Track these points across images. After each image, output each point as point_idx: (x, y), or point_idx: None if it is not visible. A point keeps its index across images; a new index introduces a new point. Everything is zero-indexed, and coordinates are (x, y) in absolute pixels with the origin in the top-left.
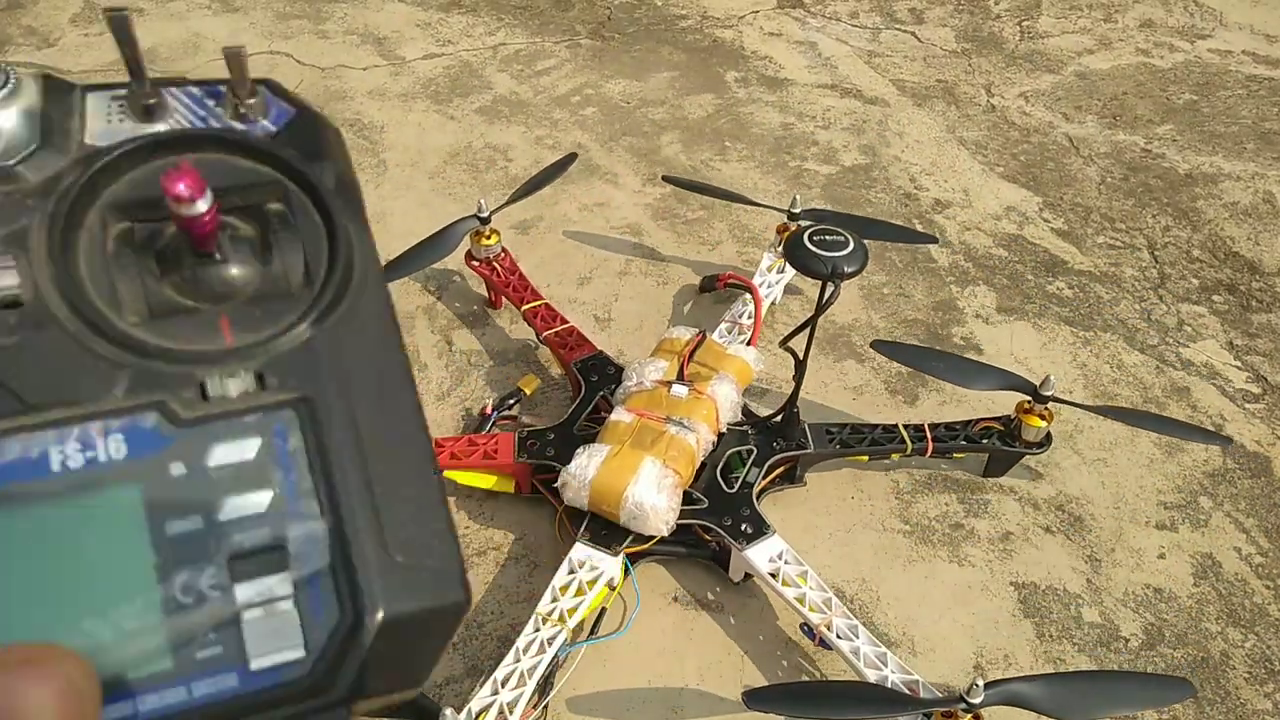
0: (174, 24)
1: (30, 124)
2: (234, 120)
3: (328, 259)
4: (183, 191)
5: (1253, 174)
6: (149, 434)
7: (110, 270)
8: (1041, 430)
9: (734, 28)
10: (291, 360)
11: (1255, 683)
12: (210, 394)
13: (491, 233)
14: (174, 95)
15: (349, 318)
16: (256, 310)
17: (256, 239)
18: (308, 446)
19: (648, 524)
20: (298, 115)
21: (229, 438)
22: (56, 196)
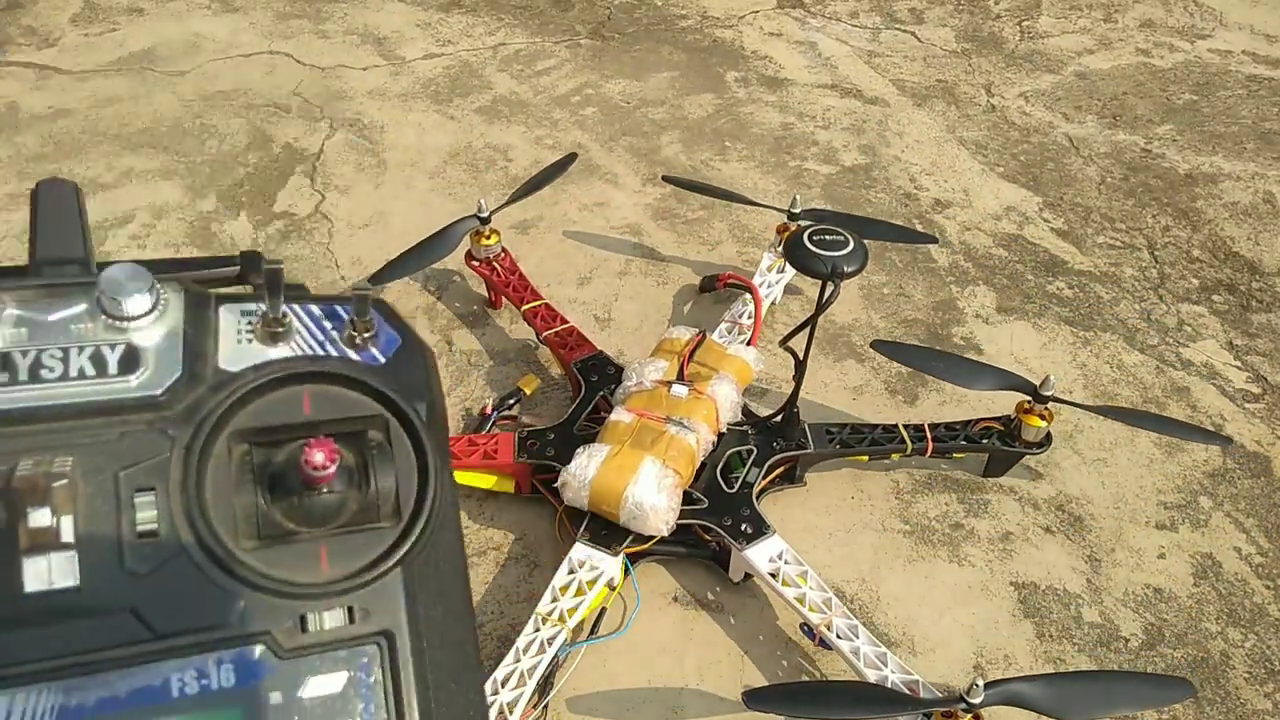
0: (174, 24)
1: (174, 348)
2: (348, 348)
3: (417, 495)
4: (320, 462)
5: (1253, 174)
6: (255, 664)
7: (231, 495)
8: (1041, 430)
9: (734, 28)
10: (379, 595)
11: (1255, 683)
12: (309, 627)
13: (491, 233)
14: (297, 315)
15: (428, 553)
16: (351, 541)
17: (356, 466)
18: (384, 679)
19: (648, 524)
20: (403, 345)
21: (321, 670)
22: (195, 427)
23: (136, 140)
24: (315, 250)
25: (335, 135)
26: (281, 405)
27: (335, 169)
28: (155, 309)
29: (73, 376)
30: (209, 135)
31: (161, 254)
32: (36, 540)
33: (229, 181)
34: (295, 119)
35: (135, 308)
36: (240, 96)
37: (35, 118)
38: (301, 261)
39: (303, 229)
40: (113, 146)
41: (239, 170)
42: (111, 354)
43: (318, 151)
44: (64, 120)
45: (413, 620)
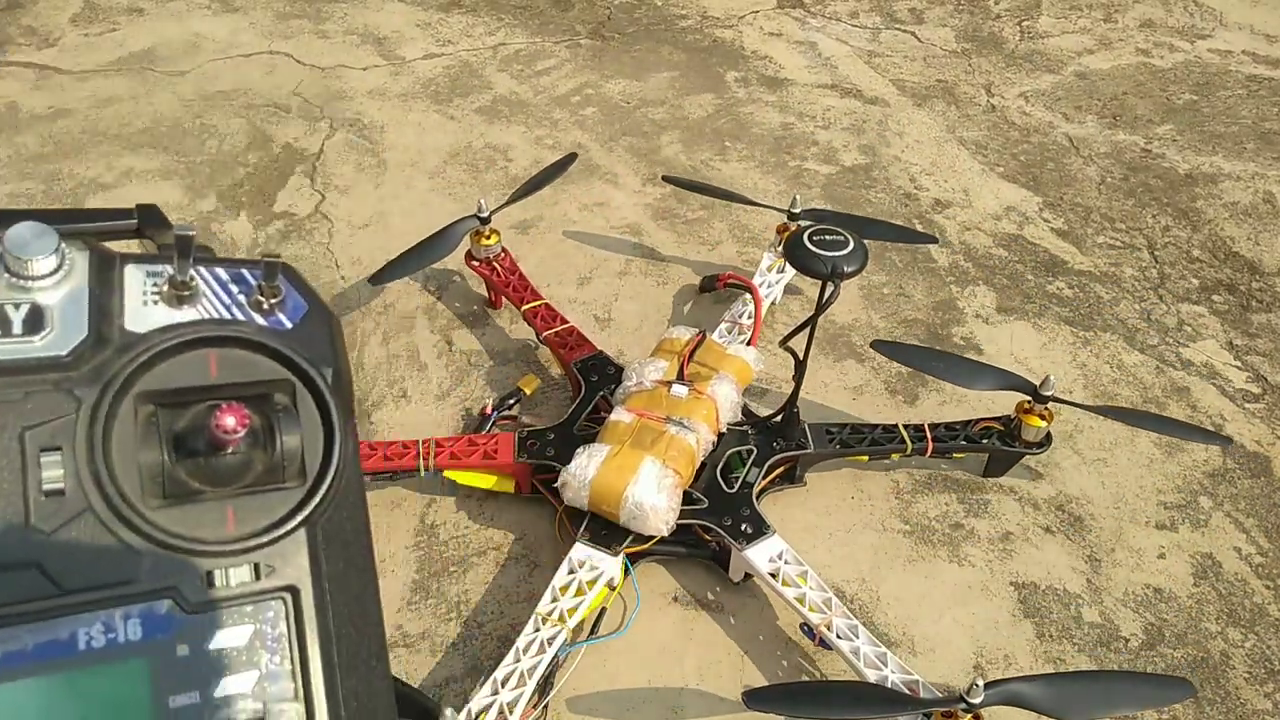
0: (174, 24)
1: (79, 308)
2: (255, 312)
3: (323, 456)
4: (232, 426)
5: (1253, 174)
6: (162, 619)
7: (136, 455)
8: (1041, 430)
9: (734, 28)
10: (285, 552)
11: (1255, 683)
12: (215, 583)
13: (491, 233)
14: (204, 278)
15: (333, 512)
16: (257, 500)
17: (262, 428)
18: (289, 631)
19: (648, 524)
20: (310, 310)
21: (228, 624)
22: (100, 388)
23: (136, 140)
24: (315, 250)
25: (335, 135)
26: (188, 368)
27: (335, 169)
28: (61, 268)
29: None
30: (209, 135)
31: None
32: None
33: (229, 181)
34: (295, 119)
35: (41, 267)
36: (240, 96)
37: (35, 118)
38: (301, 261)
39: (303, 229)
40: (113, 146)
41: (239, 170)
42: (16, 314)
43: (318, 151)
44: (64, 120)
45: (317, 576)
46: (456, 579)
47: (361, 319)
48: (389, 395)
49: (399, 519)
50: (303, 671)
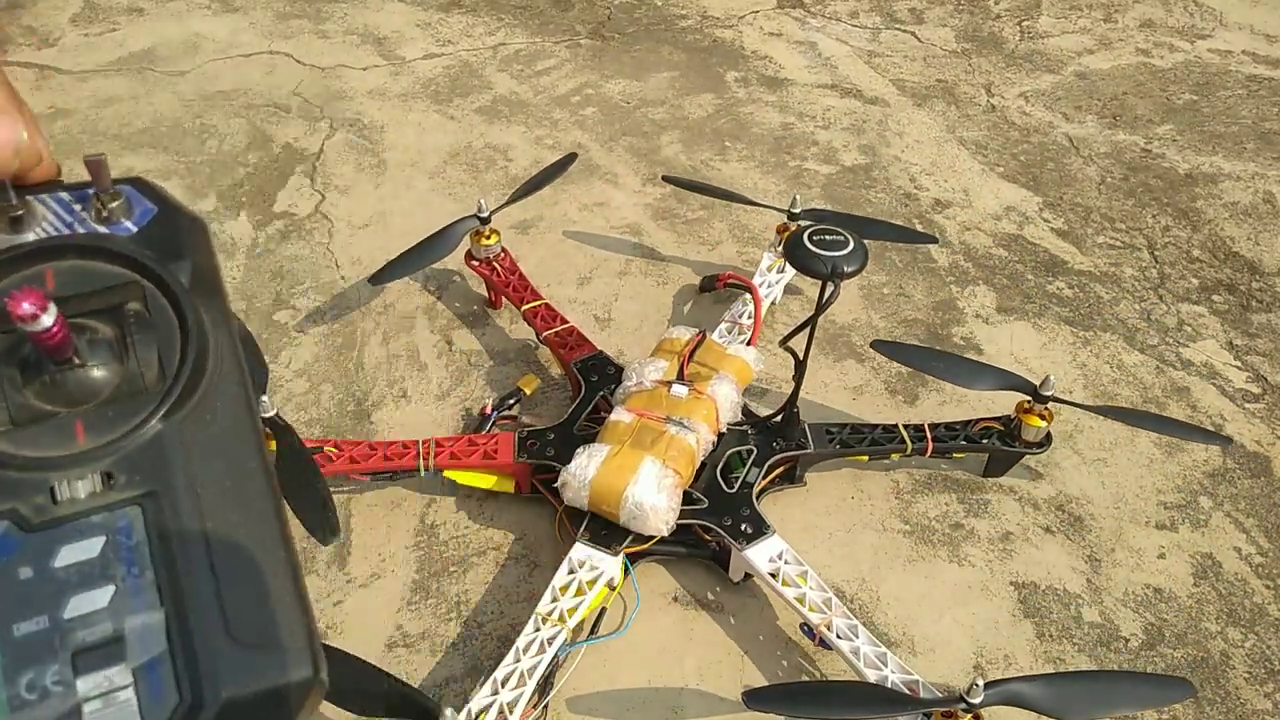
0: (174, 24)
1: None
2: (98, 224)
3: (179, 354)
4: (26, 311)
5: (1253, 174)
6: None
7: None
8: (1041, 430)
9: (734, 28)
10: (139, 457)
11: (1255, 683)
12: (59, 497)
13: (491, 233)
14: (43, 203)
15: (200, 410)
16: (110, 410)
17: (115, 339)
18: (150, 540)
19: (648, 524)
20: (159, 213)
21: (74, 538)
22: None
23: (136, 140)
24: (315, 250)
25: (335, 135)
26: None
27: (335, 169)
28: None
29: None
30: (209, 135)
31: None
32: None
33: (229, 181)
34: (295, 119)
35: None
36: (240, 96)
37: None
38: (301, 261)
39: (303, 229)
40: (113, 146)
41: (239, 170)
42: None
43: (318, 151)
44: (64, 120)
45: (186, 479)
46: (456, 579)
47: (361, 319)
48: (389, 395)
49: (399, 519)
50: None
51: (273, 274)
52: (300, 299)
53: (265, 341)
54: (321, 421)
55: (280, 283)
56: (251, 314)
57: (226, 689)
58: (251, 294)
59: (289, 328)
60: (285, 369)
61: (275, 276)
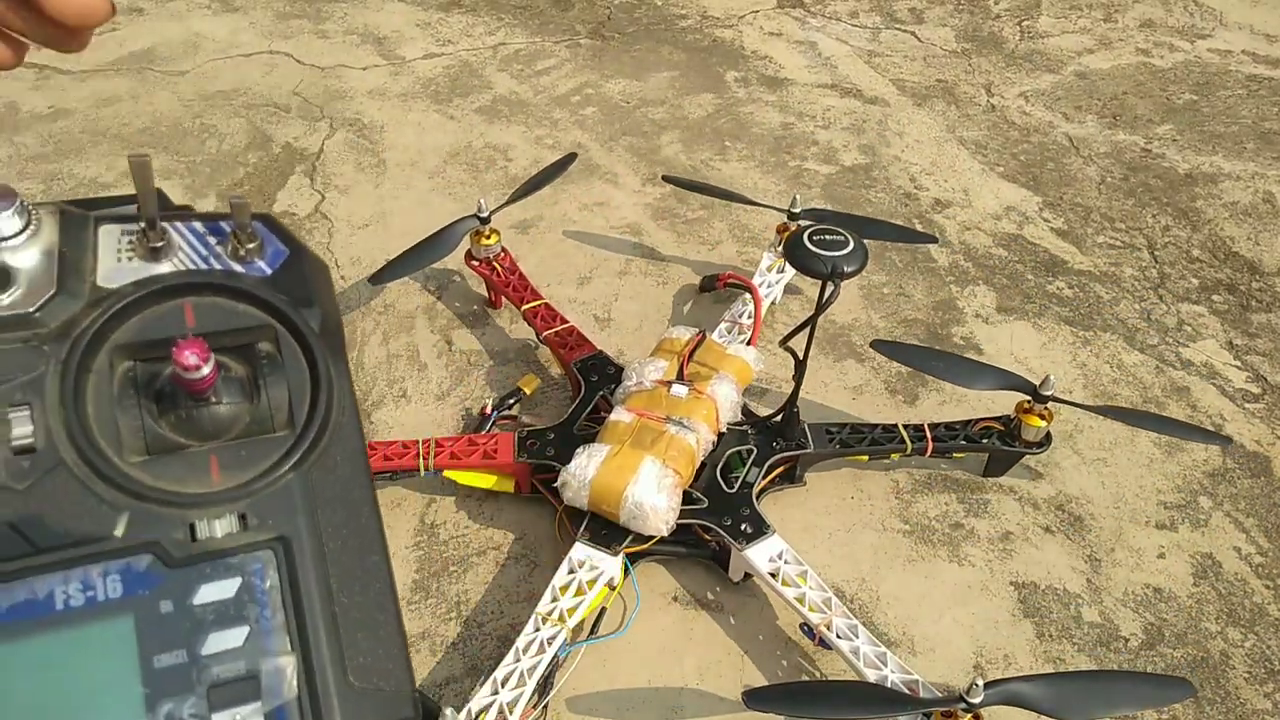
0: (174, 24)
1: (48, 266)
2: (233, 261)
3: (309, 402)
4: (191, 362)
5: (1253, 174)
6: (143, 574)
7: (114, 411)
8: (1041, 430)
9: (734, 28)
10: (273, 501)
11: (1255, 683)
12: (199, 535)
13: (491, 232)
14: (179, 232)
15: (325, 459)
16: (243, 450)
17: (247, 379)
18: (281, 584)
19: (648, 524)
20: (291, 256)
21: (213, 577)
22: (70, 343)
23: (136, 140)
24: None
25: (335, 135)
26: (164, 320)
27: (335, 169)
28: (28, 228)
29: None
30: (209, 135)
31: None
32: None
33: (229, 181)
34: (295, 119)
35: (5, 227)
36: (240, 96)
37: (35, 118)
38: None
39: (303, 229)
40: (113, 146)
41: (239, 170)
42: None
43: (318, 151)
44: (64, 120)
45: (311, 525)
46: (456, 579)
47: (361, 319)
48: (389, 395)
49: (399, 519)
50: (298, 624)
51: None
52: None
53: None
54: None
55: None
56: None
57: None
58: None
59: None
60: None
61: None
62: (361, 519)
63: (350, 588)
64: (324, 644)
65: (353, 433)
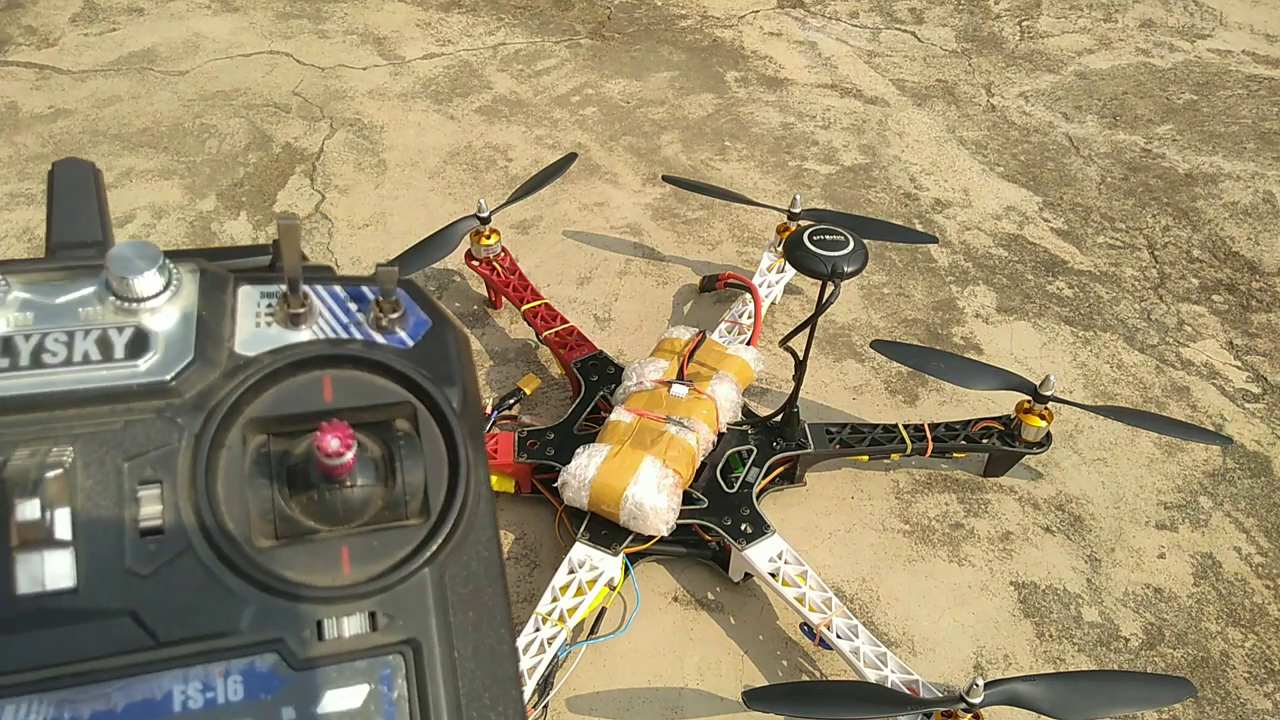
0: (174, 24)
1: (187, 330)
2: (374, 330)
3: (447, 489)
4: (334, 448)
5: (1253, 174)
6: (266, 676)
7: (245, 490)
8: (1041, 430)
9: (734, 28)
10: (404, 598)
11: (1255, 683)
12: (325, 634)
13: (491, 232)
14: (320, 297)
15: (460, 552)
16: (375, 540)
17: (382, 459)
18: (410, 694)
19: (648, 524)
20: (434, 327)
21: (340, 683)
22: (205, 415)
23: (136, 140)
24: (315, 250)
25: (335, 135)
26: (301, 392)
27: (335, 169)
28: (168, 289)
29: (77, 361)
30: (209, 135)
31: None
32: (28, 536)
33: (229, 181)
34: (295, 119)
35: (145, 288)
36: (240, 96)
37: (35, 118)
38: None
39: (303, 229)
40: (113, 146)
41: (239, 170)
42: (119, 337)
43: (318, 151)
44: (64, 120)
45: (442, 628)
46: None
47: None
48: None
49: None
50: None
51: None
52: None
53: None
54: None
55: None
56: None
57: None
58: None
59: None
60: None
61: None
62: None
63: (480, 700)
64: None
65: (488, 524)
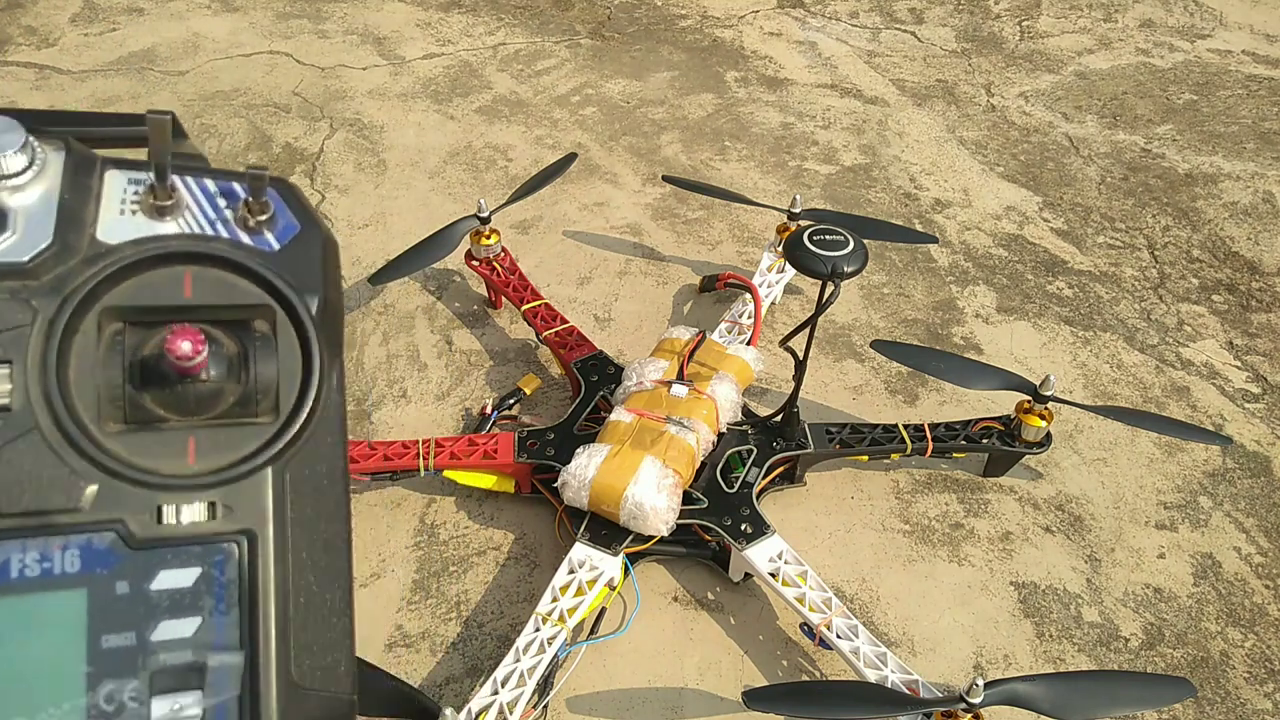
0: (174, 24)
1: (47, 213)
2: (241, 230)
3: (299, 392)
4: (184, 351)
5: (1253, 174)
6: (103, 553)
7: (96, 376)
8: (1041, 430)
9: (734, 28)
10: (245, 492)
11: (1255, 683)
12: (164, 519)
13: (491, 232)
14: (189, 190)
15: (305, 454)
16: (223, 434)
17: (236, 356)
18: (241, 579)
19: (648, 524)
20: (302, 232)
21: (174, 564)
22: (61, 301)
23: None
24: None
25: (335, 135)
26: (160, 285)
27: (335, 169)
28: (31, 168)
29: None
30: (209, 135)
31: None
32: None
33: None
34: (295, 119)
35: (7, 165)
36: (240, 96)
37: None
38: None
39: None
40: None
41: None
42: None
43: (318, 151)
44: None
45: (279, 522)
46: (456, 579)
47: (361, 319)
48: (389, 395)
49: (399, 519)
50: (250, 622)
51: None
52: None
53: None
54: None
55: None
56: None
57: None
58: None
59: None
60: None
61: None
62: (332, 522)
63: (309, 590)
64: (274, 643)
65: (336, 430)
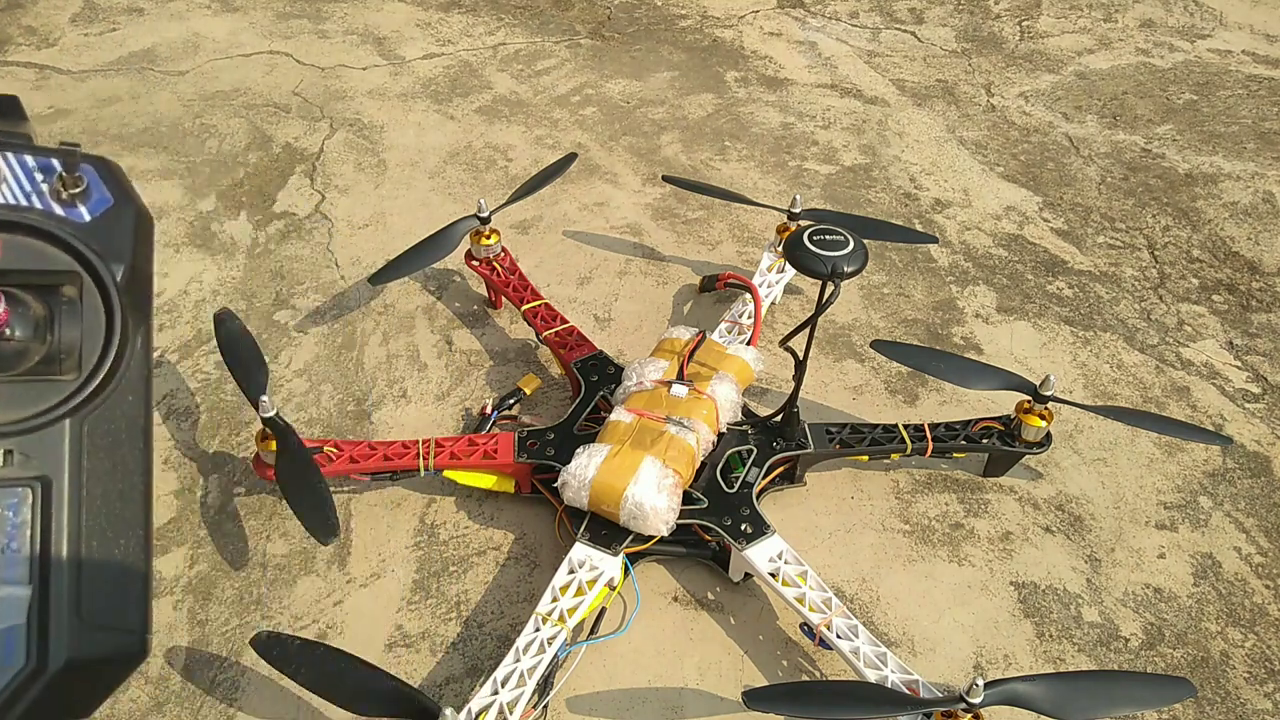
0: (174, 24)
1: None
2: (55, 202)
3: (100, 352)
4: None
5: (1253, 174)
6: None
7: None
8: (1041, 430)
9: (734, 28)
10: (43, 443)
11: (1255, 683)
12: None
13: (491, 232)
14: (8, 164)
15: (105, 411)
16: (23, 388)
17: (43, 319)
18: (34, 521)
19: (648, 524)
20: (113, 206)
21: None
22: None
23: (136, 140)
24: (315, 250)
25: (335, 135)
26: None
27: (335, 169)
28: None
29: None
30: (209, 135)
31: (161, 254)
32: None
33: (229, 181)
34: (295, 119)
35: None
36: (240, 96)
37: (35, 118)
38: (301, 261)
39: (303, 229)
40: (113, 146)
41: (239, 170)
42: None
43: (318, 151)
44: (64, 120)
45: (75, 471)
46: (456, 579)
47: (361, 319)
48: (389, 395)
49: (399, 519)
50: (41, 560)
51: (273, 274)
52: (300, 299)
53: (265, 341)
54: (321, 421)
55: (280, 283)
56: (251, 314)
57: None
58: (251, 294)
59: (289, 328)
60: (285, 369)
61: (275, 276)
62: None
63: (102, 534)
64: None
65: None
